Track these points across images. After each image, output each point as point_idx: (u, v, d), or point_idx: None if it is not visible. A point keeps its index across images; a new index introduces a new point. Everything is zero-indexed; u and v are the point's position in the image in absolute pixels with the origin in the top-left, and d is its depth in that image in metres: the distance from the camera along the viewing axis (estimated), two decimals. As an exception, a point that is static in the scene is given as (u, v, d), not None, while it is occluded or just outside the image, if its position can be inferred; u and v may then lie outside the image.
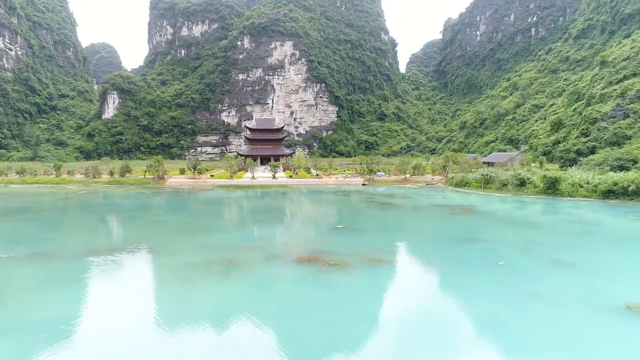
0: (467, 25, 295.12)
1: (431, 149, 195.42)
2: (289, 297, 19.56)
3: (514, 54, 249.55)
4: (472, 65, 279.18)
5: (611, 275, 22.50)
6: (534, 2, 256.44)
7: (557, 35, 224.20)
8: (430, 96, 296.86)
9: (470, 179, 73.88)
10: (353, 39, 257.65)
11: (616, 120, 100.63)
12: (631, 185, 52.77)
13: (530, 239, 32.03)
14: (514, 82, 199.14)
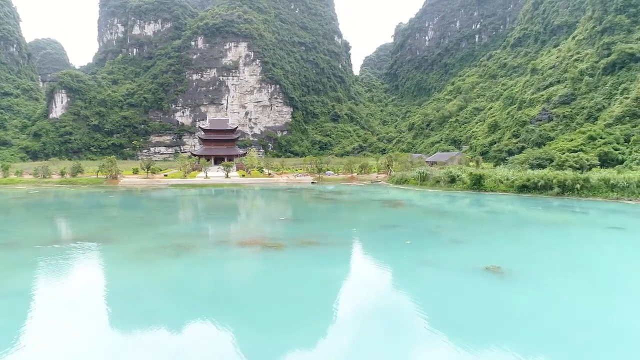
0: (417, 31, 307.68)
1: (382, 149, 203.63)
2: (228, 269, 24.01)
3: (460, 59, 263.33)
4: (421, 69, 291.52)
5: (488, 250, 28.47)
6: (478, 11, 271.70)
7: (498, 43, 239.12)
8: (382, 98, 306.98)
9: (409, 177, 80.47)
10: (307, 42, 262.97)
11: (542, 123, 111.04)
12: (540, 181, 60.64)
13: (442, 225, 38.00)
14: (458, 86, 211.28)
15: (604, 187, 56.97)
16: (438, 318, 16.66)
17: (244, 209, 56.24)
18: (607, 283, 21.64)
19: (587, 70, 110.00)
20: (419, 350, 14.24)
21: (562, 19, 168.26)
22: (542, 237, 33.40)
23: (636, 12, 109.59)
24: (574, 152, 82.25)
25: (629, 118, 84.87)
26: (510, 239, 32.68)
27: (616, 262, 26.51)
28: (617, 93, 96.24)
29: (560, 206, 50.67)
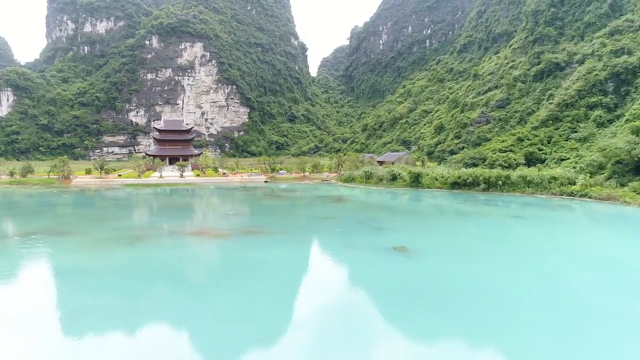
0: (371, 34, 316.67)
1: (337, 149, 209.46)
2: (177, 253, 27.79)
3: (412, 63, 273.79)
4: (375, 72, 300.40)
5: (402, 235, 33.67)
6: (428, 17, 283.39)
7: (447, 48, 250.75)
8: (338, 99, 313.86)
9: (355, 176, 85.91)
10: (264, 43, 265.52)
11: (480, 125, 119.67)
12: (469, 178, 67.44)
13: (372, 216, 43.11)
14: (408, 89, 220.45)
15: (522, 183, 64.30)
16: (351, 282, 21.37)
17: (196, 205, 59.45)
18: (488, 258, 27.15)
19: (520, 77, 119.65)
20: (336, 303, 18.79)
21: (503, 27, 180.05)
22: (452, 224, 39.11)
23: (562, 25, 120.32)
24: (504, 152, 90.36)
25: (552, 121, 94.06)
26: (425, 226, 38.16)
27: (501, 242, 32.31)
28: (544, 99, 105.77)
29: (482, 200, 57.25)
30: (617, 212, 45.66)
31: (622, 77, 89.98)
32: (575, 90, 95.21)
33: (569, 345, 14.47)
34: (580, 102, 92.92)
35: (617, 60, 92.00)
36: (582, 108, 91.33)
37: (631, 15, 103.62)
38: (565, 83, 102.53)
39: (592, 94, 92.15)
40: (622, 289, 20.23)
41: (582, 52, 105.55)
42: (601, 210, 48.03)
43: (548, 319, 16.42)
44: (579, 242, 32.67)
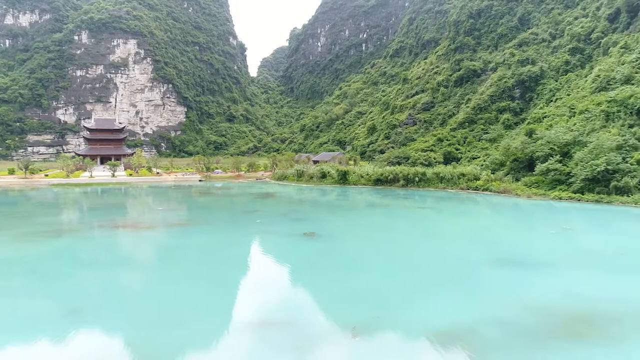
0: (310, 36, 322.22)
1: (276, 150, 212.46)
2: (105, 244, 30.01)
3: (349, 65, 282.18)
4: (314, 73, 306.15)
5: (315, 223, 37.78)
6: (364, 21, 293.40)
7: (381, 52, 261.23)
8: (278, 100, 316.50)
9: (288, 174, 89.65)
10: (201, 42, 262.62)
11: (408, 126, 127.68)
12: (390, 175, 73.34)
13: (294, 209, 46.98)
14: (344, 91, 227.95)
15: (436, 179, 71.00)
16: (262, 257, 24.90)
17: (126, 203, 60.44)
18: (383, 239, 31.79)
19: (443, 82, 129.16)
20: (254, 278, 22.21)
21: (431, 35, 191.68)
22: (363, 215, 43.88)
23: (479, 35, 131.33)
24: (426, 151, 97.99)
25: (468, 124, 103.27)
26: (339, 216, 42.57)
27: (399, 227, 37.30)
28: (463, 102, 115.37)
29: (400, 194, 63.01)
30: (507, 203, 52.73)
31: (527, 84, 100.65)
32: (488, 96, 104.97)
33: (424, 293, 18.97)
34: (492, 106, 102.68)
35: (523, 69, 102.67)
36: (494, 112, 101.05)
37: (536, 29, 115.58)
38: (480, 88, 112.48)
39: (502, 99, 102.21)
40: (486, 260, 25.34)
41: (495, 60, 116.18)
42: (495, 201, 55.04)
43: (412, 279, 20.97)
44: (462, 225, 38.32)
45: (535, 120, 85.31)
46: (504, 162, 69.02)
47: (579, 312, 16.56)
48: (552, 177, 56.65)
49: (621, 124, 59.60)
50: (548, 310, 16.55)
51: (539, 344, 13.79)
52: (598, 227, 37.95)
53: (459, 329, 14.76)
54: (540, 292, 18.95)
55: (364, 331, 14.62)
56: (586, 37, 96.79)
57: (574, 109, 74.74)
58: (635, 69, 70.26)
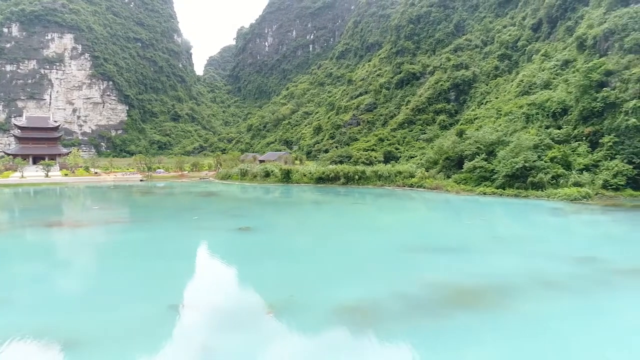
0: (257, 36, 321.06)
1: (222, 149, 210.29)
2: (34, 240, 29.67)
3: (296, 66, 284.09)
4: (262, 73, 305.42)
5: (252, 219, 39.00)
6: (311, 23, 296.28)
7: (328, 54, 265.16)
8: (225, 99, 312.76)
9: (232, 173, 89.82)
10: (144, 38, 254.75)
11: (352, 127, 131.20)
12: (331, 173, 75.56)
13: (234, 207, 47.85)
14: (291, 91, 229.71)
15: (374, 177, 73.98)
16: (196, 252, 25.77)
17: (60, 203, 58.61)
18: (312, 231, 33.53)
19: (385, 84, 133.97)
20: (184, 268, 23.01)
21: (375, 38, 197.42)
22: (299, 210, 45.58)
23: (419, 40, 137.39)
24: (367, 151, 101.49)
25: (407, 124, 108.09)
26: (275, 212, 44.00)
27: (330, 221, 39.27)
28: (404, 104, 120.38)
29: (340, 192, 65.30)
30: (438, 198, 56.31)
31: (461, 87, 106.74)
32: (426, 98, 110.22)
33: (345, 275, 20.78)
34: (429, 107, 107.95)
35: (458, 73, 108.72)
36: (431, 113, 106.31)
37: (470, 36, 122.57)
38: (419, 91, 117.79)
39: (438, 101, 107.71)
40: (405, 247, 27.58)
41: (433, 64, 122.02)
42: (428, 197, 58.52)
43: (333, 265, 22.79)
44: (392, 218, 40.91)
45: (468, 122, 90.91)
46: (437, 160, 73.14)
47: (472, 286, 18.94)
48: (478, 174, 60.95)
49: (539, 125, 65.14)
50: (445, 286, 18.83)
51: (431, 313, 15.89)
52: (509, 218, 41.83)
53: (363, 303, 16.61)
54: (442, 272, 21.32)
55: (278, 309, 16.13)
56: (513, 44, 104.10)
57: (500, 111, 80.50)
58: (553, 75, 76.70)
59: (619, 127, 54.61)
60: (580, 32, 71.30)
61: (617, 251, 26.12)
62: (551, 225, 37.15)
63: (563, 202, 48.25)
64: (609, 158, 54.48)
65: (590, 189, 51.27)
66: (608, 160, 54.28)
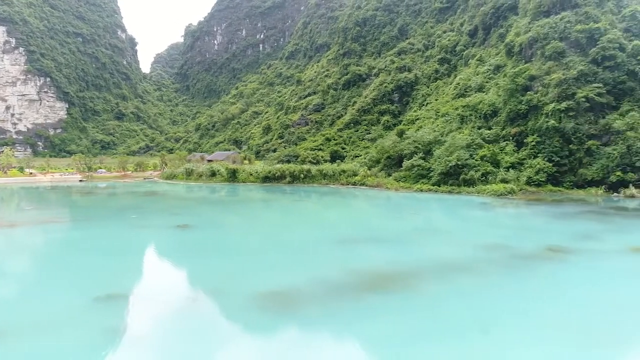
0: (206, 34, 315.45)
1: (170, 149, 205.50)
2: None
3: (246, 65, 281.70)
4: (211, 72, 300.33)
5: (192, 217, 39.38)
6: (261, 22, 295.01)
7: (278, 54, 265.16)
8: (172, 98, 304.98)
9: (177, 173, 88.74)
10: (85, 33, 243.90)
11: (300, 127, 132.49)
12: (277, 172, 76.59)
13: (176, 205, 47.85)
14: (241, 91, 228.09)
15: (319, 176, 75.78)
16: (129, 248, 26.01)
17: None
18: (255, 228, 34.50)
19: (332, 85, 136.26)
20: (115, 263, 23.23)
21: (323, 39, 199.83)
22: (241, 208, 46.38)
23: (365, 42, 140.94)
24: (315, 150, 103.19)
25: (353, 124, 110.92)
26: (216, 210, 44.57)
27: (273, 218, 40.42)
28: (350, 105, 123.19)
29: (287, 190, 66.45)
30: (379, 195, 58.83)
31: (404, 89, 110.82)
32: (371, 99, 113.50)
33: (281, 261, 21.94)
34: (374, 108, 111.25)
35: (401, 76, 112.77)
36: (376, 114, 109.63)
37: (413, 40, 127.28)
38: (365, 92, 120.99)
39: (383, 102, 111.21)
40: (336, 239, 29.13)
41: (378, 66, 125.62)
42: (370, 194, 60.90)
43: (264, 257, 23.94)
44: (329, 214, 42.60)
45: (410, 122, 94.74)
46: (379, 159, 75.93)
47: (388, 272, 20.71)
48: (416, 172, 64.07)
49: (472, 126, 69.28)
50: (365, 273, 20.47)
51: (348, 295, 17.39)
52: (439, 212, 44.72)
53: (285, 290, 17.87)
54: (366, 260, 23.03)
55: (201, 298, 17.10)
56: (452, 49, 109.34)
57: (438, 112, 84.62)
58: (486, 79, 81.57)
59: (540, 128, 59.26)
60: (509, 39, 76.41)
61: (525, 239, 28.99)
62: (475, 218, 40.16)
63: (491, 197, 51.89)
64: (532, 156, 58.99)
65: (515, 185, 55.39)
66: (531, 159, 58.74)
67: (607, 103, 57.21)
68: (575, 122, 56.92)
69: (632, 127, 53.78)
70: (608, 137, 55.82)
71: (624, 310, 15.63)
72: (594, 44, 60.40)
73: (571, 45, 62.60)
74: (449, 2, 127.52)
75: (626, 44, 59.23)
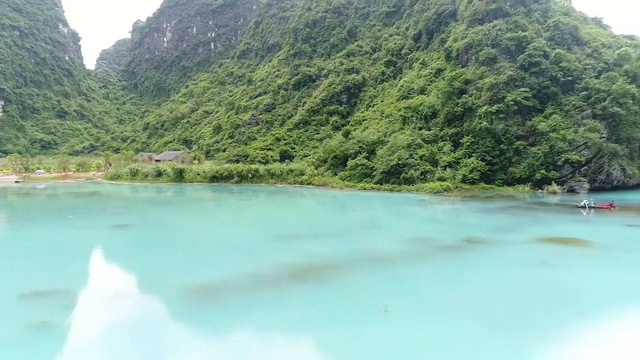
0: (155, 30, 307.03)
1: (116, 149, 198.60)
2: None
3: (197, 64, 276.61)
4: (160, 69, 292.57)
5: (131, 216, 39.20)
6: (213, 20, 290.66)
7: (230, 52, 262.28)
8: (119, 95, 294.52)
9: (122, 173, 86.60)
10: (22, 26, 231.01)
11: (251, 126, 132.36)
12: (225, 172, 76.61)
13: (116, 206, 47.23)
14: (191, 90, 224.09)
15: (267, 175, 76.54)
16: (70, 247, 25.86)
17: None
18: (195, 227, 34.94)
19: (283, 85, 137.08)
20: (46, 262, 23.07)
21: (275, 39, 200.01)
22: (184, 208, 46.54)
23: (315, 44, 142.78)
24: (264, 150, 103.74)
25: (303, 124, 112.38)
26: (158, 210, 44.50)
27: (215, 217, 40.95)
28: (300, 105, 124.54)
29: (233, 190, 66.72)
30: (324, 194, 60.43)
31: (352, 90, 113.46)
32: (320, 99, 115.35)
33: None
34: (323, 109, 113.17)
35: (349, 77, 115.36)
36: (325, 114, 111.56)
37: (361, 42, 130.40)
38: (315, 93, 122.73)
39: (331, 103, 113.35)
40: (273, 236, 30.15)
41: (327, 68, 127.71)
42: (317, 193, 62.39)
43: (198, 253, 24.64)
44: (271, 212, 43.65)
45: (357, 123, 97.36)
46: (326, 159, 77.71)
47: (315, 264, 22.04)
48: (360, 171, 66.27)
49: (413, 127, 72.42)
50: (294, 265, 21.70)
51: (272, 286, 18.52)
52: (377, 209, 46.85)
53: (214, 283, 18.78)
54: (297, 254, 24.27)
55: (130, 292, 17.72)
56: (398, 52, 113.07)
57: (383, 113, 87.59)
58: (427, 82, 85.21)
59: (474, 129, 63.03)
60: (447, 44, 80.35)
61: (449, 232, 31.33)
62: (410, 214, 42.50)
63: (429, 195, 54.77)
64: (467, 156, 62.65)
65: (451, 183, 58.69)
66: (466, 158, 62.40)
67: (533, 106, 61.76)
68: (505, 124, 61.05)
69: (554, 128, 58.45)
70: (534, 138, 60.27)
71: (512, 292, 17.76)
72: (522, 51, 64.96)
73: (502, 51, 66.96)
74: (395, 6, 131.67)
75: (550, 52, 64.11)
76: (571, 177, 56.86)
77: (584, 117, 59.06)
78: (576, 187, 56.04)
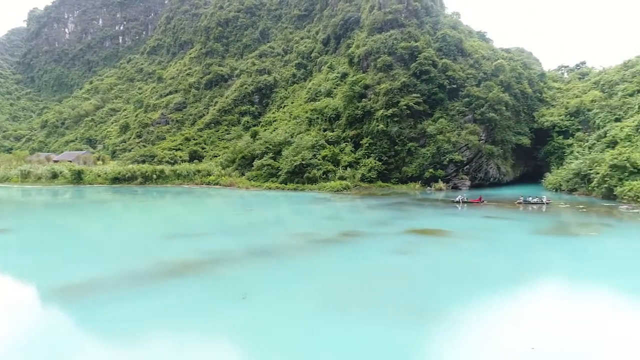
0: (55, 20, 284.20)
1: (8, 149, 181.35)
2: None
3: (104, 58, 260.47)
4: (62, 63, 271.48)
5: (13, 220, 37.35)
6: (121, 13, 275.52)
7: (140, 48, 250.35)
8: (13, 90, 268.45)
9: (11, 175, 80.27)
10: None
11: (160, 125, 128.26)
12: (128, 173, 74.24)
13: (3, 209, 44.29)
14: (96, 86, 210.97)
15: (173, 176, 75.48)
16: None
17: None
18: (81, 229, 34.22)
19: (194, 84, 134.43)
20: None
21: (187, 36, 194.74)
22: (73, 210, 44.96)
23: (227, 43, 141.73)
24: (173, 150, 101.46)
25: (214, 124, 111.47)
26: (43, 213, 42.64)
27: (106, 219, 40.25)
28: (212, 104, 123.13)
29: (136, 191, 65.04)
30: (231, 194, 61.19)
31: (264, 91, 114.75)
32: (232, 99, 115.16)
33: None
34: (235, 109, 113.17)
35: (261, 78, 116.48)
36: (236, 114, 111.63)
37: (273, 43, 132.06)
38: (226, 92, 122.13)
39: (243, 104, 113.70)
40: (165, 234, 30.58)
41: (240, 68, 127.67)
42: (223, 193, 62.87)
43: (82, 255, 24.63)
44: (169, 213, 43.74)
45: (268, 123, 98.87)
46: (234, 159, 78.34)
47: (194, 261, 23.09)
48: (267, 171, 67.93)
49: (318, 128, 75.50)
50: (171, 262, 22.58)
51: (146, 282, 19.31)
52: (276, 208, 48.77)
53: (87, 281, 19.14)
54: (179, 252, 25.12)
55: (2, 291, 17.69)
56: (308, 55, 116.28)
57: (292, 114, 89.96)
58: (334, 85, 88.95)
59: (373, 131, 67.39)
60: (351, 50, 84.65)
61: (332, 226, 33.88)
62: (305, 211, 44.86)
63: (329, 193, 57.83)
64: (366, 156, 66.87)
65: (351, 182, 62.42)
66: (365, 158, 66.59)
67: (424, 111, 67.49)
68: (399, 127, 66.04)
69: (441, 131, 64.44)
70: (424, 140, 65.90)
71: (362, 278, 20.35)
72: (414, 60, 70.58)
73: (397, 59, 72.19)
74: (306, 10, 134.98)
75: (438, 61, 70.41)
76: (455, 176, 63.11)
77: (466, 121, 65.79)
78: (459, 184, 62.33)
